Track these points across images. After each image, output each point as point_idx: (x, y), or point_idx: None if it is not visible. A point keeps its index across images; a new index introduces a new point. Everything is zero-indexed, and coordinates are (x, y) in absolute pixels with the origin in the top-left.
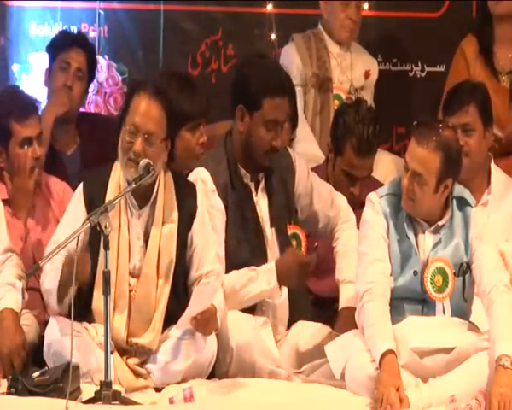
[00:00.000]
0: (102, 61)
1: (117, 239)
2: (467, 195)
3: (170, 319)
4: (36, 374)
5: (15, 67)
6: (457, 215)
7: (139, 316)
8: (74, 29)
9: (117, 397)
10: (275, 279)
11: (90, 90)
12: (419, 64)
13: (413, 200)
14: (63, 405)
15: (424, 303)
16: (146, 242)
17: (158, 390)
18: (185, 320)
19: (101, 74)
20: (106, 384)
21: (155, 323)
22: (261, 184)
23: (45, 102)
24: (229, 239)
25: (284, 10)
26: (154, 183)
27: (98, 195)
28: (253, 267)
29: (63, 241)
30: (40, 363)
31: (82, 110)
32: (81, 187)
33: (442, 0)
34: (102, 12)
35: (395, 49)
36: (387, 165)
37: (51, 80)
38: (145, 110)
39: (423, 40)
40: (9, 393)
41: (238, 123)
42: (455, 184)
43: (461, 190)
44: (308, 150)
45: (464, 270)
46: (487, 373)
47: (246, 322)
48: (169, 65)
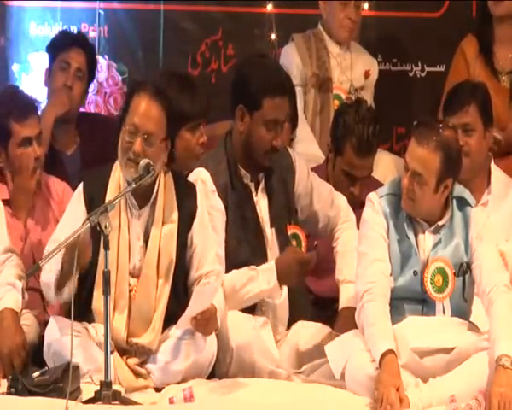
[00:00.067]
0: (102, 61)
1: (117, 239)
2: (467, 195)
3: (170, 319)
4: (36, 374)
5: (15, 67)
6: (457, 215)
7: (139, 316)
8: (74, 29)
9: (117, 397)
10: (275, 278)
11: (90, 90)
12: (419, 64)
13: (413, 200)
14: (63, 405)
15: (424, 303)
16: (146, 242)
17: (158, 390)
18: (185, 320)
19: (101, 74)
20: (106, 384)
21: (155, 323)
22: (261, 185)
23: (45, 102)
24: (229, 239)
25: (284, 10)
26: (154, 183)
27: (98, 195)
28: (253, 267)
29: (63, 241)
30: (40, 363)
31: (82, 110)
32: (81, 187)
33: (442, 0)
34: (102, 12)
35: (395, 49)
36: (387, 165)
37: (51, 80)
38: (145, 110)
39: (423, 40)
40: (9, 393)
41: (238, 123)
42: (455, 184)
43: (461, 190)
44: (308, 150)
45: (464, 270)
46: (487, 373)
47: (246, 322)
48: (169, 65)
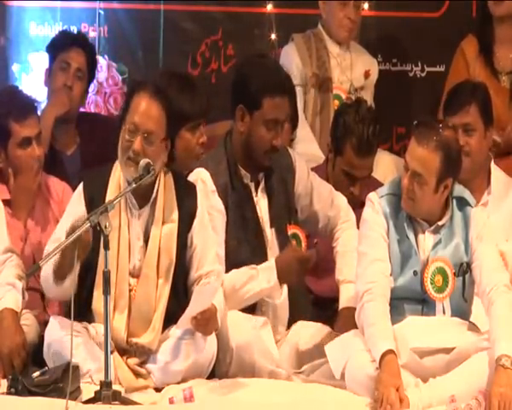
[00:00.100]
0: (102, 61)
1: (117, 239)
2: (467, 195)
3: (170, 319)
4: (36, 374)
5: (15, 67)
6: (457, 215)
7: (139, 316)
8: (74, 29)
9: (117, 397)
10: (275, 277)
11: (90, 90)
12: (419, 64)
13: (413, 200)
14: (63, 405)
15: (424, 303)
16: (146, 242)
17: (158, 390)
18: (185, 320)
19: (101, 74)
20: (106, 384)
21: (155, 323)
22: (261, 185)
23: (45, 102)
24: (229, 240)
25: (284, 10)
26: (154, 183)
27: (98, 195)
28: (253, 266)
29: (63, 241)
30: (40, 363)
31: (82, 110)
32: (81, 187)
33: (442, 0)
34: (102, 12)
35: (395, 49)
36: (387, 165)
37: (51, 80)
38: (145, 109)
39: (423, 40)
40: (9, 393)
41: (238, 123)
42: (455, 184)
43: (461, 190)
44: (308, 150)
45: (464, 270)
46: (487, 373)
47: (246, 322)
48: (169, 65)
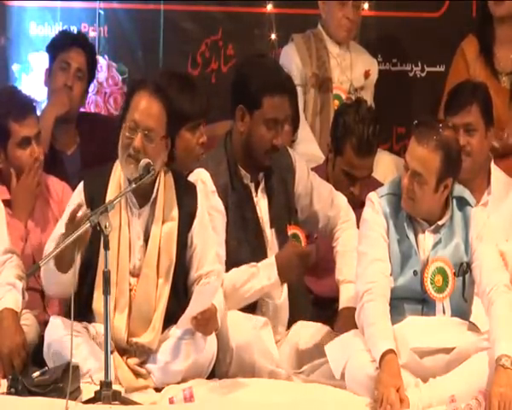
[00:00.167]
0: (102, 61)
1: (117, 238)
2: (467, 194)
3: (170, 319)
4: (36, 374)
5: (15, 67)
6: (457, 215)
7: (139, 315)
8: (74, 29)
9: (117, 397)
10: (275, 274)
11: (90, 90)
12: (419, 64)
13: (413, 199)
14: (63, 405)
15: (424, 303)
16: (146, 241)
17: (158, 390)
18: (185, 320)
19: (101, 74)
20: (106, 384)
21: (155, 322)
22: (261, 185)
23: (45, 102)
24: (229, 240)
25: (284, 10)
26: (155, 182)
27: (98, 194)
28: (254, 264)
29: (62, 241)
30: (40, 363)
31: (82, 110)
32: (81, 186)
33: (442, 0)
34: (102, 12)
35: (395, 49)
36: (387, 165)
37: (51, 80)
38: (145, 107)
39: (423, 40)
40: (9, 393)
41: (238, 123)
42: (455, 184)
43: (461, 190)
44: (308, 150)
45: (464, 270)
46: (487, 373)
47: (246, 322)
48: (169, 65)
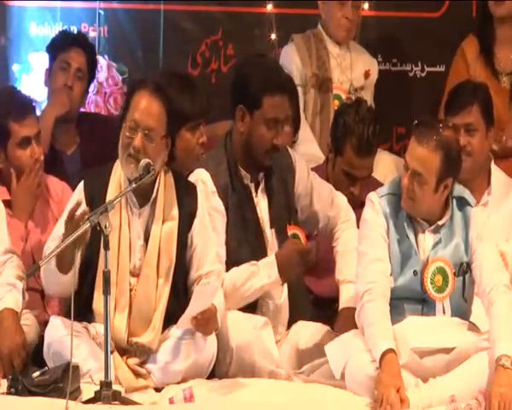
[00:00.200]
0: (102, 61)
1: (118, 238)
2: (467, 194)
3: (170, 319)
4: (36, 374)
5: (15, 67)
6: (457, 215)
7: (139, 315)
8: (74, 29)
9: (117, 397)
10: (276, 272)
11: (90, 90)
12: (419, 64)
13: (413, 199)
14: (63, 405)
15: (424, 303)
16: (146, 241)
17: (158, 390)
18: (185, 320)
19: (101, 74)
20: (106, 384)
21: (155, 322)
22: (261, 185)
23: (45, 102)
24: (229, 240)
25: (284, 10)
26: (155, 182)
27: (99, 194)
28: (254, 262)
29: (62, 241)
30: (40, 363)
31: (82, 110)
32: (81, 185)
33: (442, 0)
34: (102, 12)
35: (395, 49)
36: (387, 165)
37: (51, 80)
38: (145, 106)
39: (423, 40)
40: (9, 393)
41: (238, 123)
42: (455, 184)
43: (461, 190)
44: (308, 150)
45: (464, 270)
46: (487, 373)
47: (246, 322)
48: (169, 65)
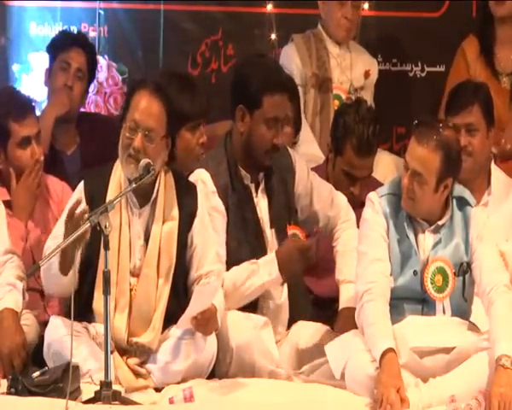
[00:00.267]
0: (102, 61)
1: (118, 238)
2: (467, 194)
3: (170, 319)
4: (36, 374)
5: (15, 67)
6: (457, 215)
7: (139, 315)
8: (74, 29)
9: (117, 397)
10: (276, 269)
11: (90, 90)
12: (419, 64)
13: (413, 199)
14: (63, 405)
15: (424, 303)
16: (146, 241)
17: (158, 390)
18: (185, 320)
19: (101, 74)
20: (106, 384)
21: (155, 322)
22: (261, 185)
23: (45, 102)
24: (229, 240)
25: (284, 10)
26: (155, 182)
27: (99, 194)
28: (254, 261)
29: (63, 241)
30: (40, 363)
31: (82, 110)
32: (82, 185)
33: (442, 0)
34: (102, 12)
35: (395, 49)
36: (387, 165)
37: (51, 80)
38: (145, 107)
39: (423, 40)
40: (9, 393)
41: (239, 123)
42: (455, 184)
43: (461, 190)
44: (308, 150)
45: (464, 270)
46: (487, 373)
47: (246, 322)
48: (169, 65)
